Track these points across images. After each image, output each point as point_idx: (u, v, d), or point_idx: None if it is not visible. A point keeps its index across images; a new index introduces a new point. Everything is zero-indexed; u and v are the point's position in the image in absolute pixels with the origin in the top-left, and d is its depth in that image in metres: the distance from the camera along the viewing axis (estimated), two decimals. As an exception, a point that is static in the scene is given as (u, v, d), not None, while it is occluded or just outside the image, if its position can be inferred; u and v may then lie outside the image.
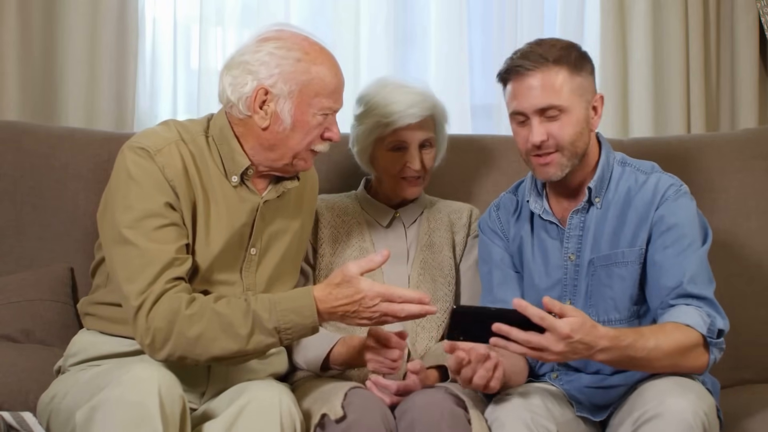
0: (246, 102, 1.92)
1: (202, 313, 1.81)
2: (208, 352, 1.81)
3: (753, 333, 2.50)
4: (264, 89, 1.91)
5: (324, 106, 1.93)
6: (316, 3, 3.18)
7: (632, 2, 3.11)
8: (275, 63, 1.91)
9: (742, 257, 2.55)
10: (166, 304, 1.81)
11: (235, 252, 1.98)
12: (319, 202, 2.31)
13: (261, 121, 1.93)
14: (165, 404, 1.68)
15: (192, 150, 1.95)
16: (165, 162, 1.89)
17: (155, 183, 1.88)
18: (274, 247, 2.04)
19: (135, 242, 1.84)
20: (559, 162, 1.99)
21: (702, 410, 1.78)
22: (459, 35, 3.12)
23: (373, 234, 2.32)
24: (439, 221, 2.35)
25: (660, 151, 2.65)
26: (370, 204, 2.36)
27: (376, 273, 2.24)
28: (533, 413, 1.86)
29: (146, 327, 1.81)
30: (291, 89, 1.90)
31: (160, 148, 1.91)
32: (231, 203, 1.97)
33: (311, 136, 1.94)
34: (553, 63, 1.97)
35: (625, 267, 2.02)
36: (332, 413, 1.89)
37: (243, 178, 1.97)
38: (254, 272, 2.01)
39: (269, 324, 1.80)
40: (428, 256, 2.30)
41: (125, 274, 1.85)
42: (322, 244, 2.29)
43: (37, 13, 2.87)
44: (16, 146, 2.53)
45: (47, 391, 1.96)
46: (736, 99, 3.15)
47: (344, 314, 1.83)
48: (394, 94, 2.24)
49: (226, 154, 1.97)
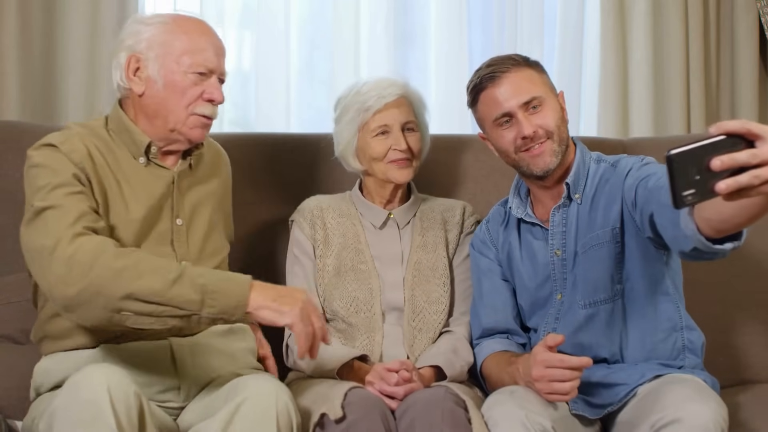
0: (123, 75, 1.99)
1: (130, 252, 1.79)
2: (128, 287, 1.73)
3: (753, 333, 2.50)
4: (135, 56, 1.98)
5: (193, 63, 1.97)
6: (316, 3, 3.18)
7: (632, 2, 3.12)
8: (143, 30, 1.99)
9: (742, 257, 2.54)
10: (93, 241, 1.78)
11: (163, 225, 2.00)
12: (314, 203, 2.34)
13: (137, 88, 1.99)
14: (115, 400, 1.66)
15: (95, 141, 1.98)
16: (70, 149, 1.92)
17: (62, 164, 1.90)
18: (199, 216, 2.07)
19: (47, 206, 1.84)
20: (552, 149, 2.06)
21: (721, 417, 1.80)
22: (459, 35, 3.13)
23: (368, 235, 2.32)
24: (432, 220, 2.35)
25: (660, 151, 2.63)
26: (363, 205, 2.36)
27: (371, 276, 2.25)
28: (528, 410, 1.87)
29: (67, 257, 1.75)
30: (157, 52, 1.97)
31: (63, 140, 1.94)
32: (145, 181, 2.00)
33: (188, 97, 1.98)
34: (522, 63, 2.10)
35: (601, 248, 2.06)
36: (332, 413, 1.89)
37: (149, 158, 2.01)
38: (185, 242, 2.03)
39: (199, 279, 1.75)
40: (423, 257, 2.30)
41: (38, 234, 1.82)
42: (319, 245, 2.30)
43: (37, 13, 2.87)
44: (16, 146, 2.52)
45: (27, 415, 1.94)
46: (736, 99, 3.15)
47: (276, 298, 1.78)
48: (367, 86, 2.30)
49: (127, 140, 2.01)
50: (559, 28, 3.16)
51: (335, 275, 2.26)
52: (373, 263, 2.28)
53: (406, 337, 2.21)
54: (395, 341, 2.21)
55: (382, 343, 2.20)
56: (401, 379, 2.00)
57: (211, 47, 2.00)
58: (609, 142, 2.71)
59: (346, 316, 2.22)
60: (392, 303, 2.24)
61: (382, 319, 2.23)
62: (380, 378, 2.02)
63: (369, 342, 2.21)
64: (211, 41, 2.02)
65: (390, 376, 2.01)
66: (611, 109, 3.11)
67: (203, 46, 1.99)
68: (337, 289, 2.24)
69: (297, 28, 3.13)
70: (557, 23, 3.16)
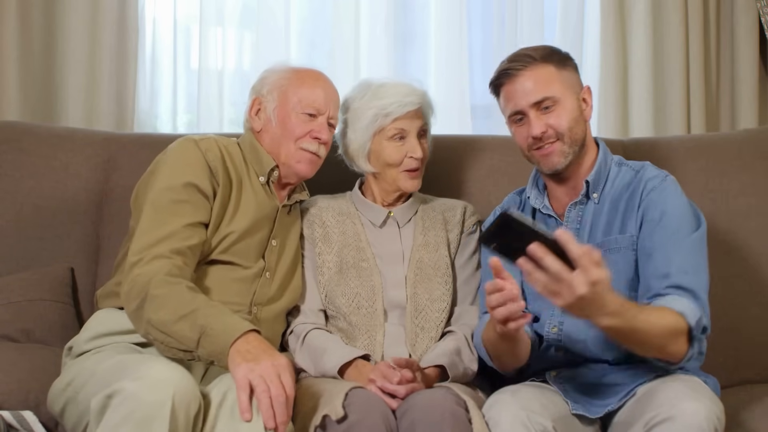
0: (247, 113, 2.29)
1: (174, 283, 1.91)
2: (150, 315, 1.87)
3: (753, 333, 2.50)
4: (258, 99, 2.29)
5: (305, 104, 2.23)
6: (316, 3, 3.19)
7: (632, 2, 3.12)
8: (269, 79, 2.29)
9: (742, 257, 2.55)
10: (156, 266, 1.94)
11: (260, 239, 2.20)
12: (314, 203, 2.37)
13: (257, 125, 2.28)
14: (177, 408, 1.70)
15: (229, 149, 2.22)
16: (207, 147, 2.15)
17: (189, 163, 2.11)
18: (288, 248, 2.28)
19: (149, 212, 2.04)
20: (561, 150, 2.08)
21: (715, 414, 1.80)
22: (459, 35, 3.13)
23: (368, 233, 2.33)
24: (434, 219, 2.36)
25: (660, 151, 2.65)
26: (363, 204, 2.37)
27: (373, 273, 2.25)
28: (529, 410, 1.87)
29: (133, 277, 1.93)
30: (275, 95, 2.26)
31: (203, 139, 2.19)
32: (259, 195, 2.23)
33: (296, 133, 2.22)
34: (540, 60, 2.10)
35: (618, 253, 2.06)
36: (333, 413, 1.89)
37: (269, 180, 2.24)
38: (275, 260, 2.22)
39: (202, 320, 1.82)
40: (424, 256, 2.30)
41: (138, 232, 2.03)
42: (317, 243, 2.30)
43: (37, 13, 2.87)
44: (16, 146, 2.53)
45: (61, 377, 1.99)
46: (736, 99, 3.15)
47: (246, 356, 1.76)
48: (385, 89, 2.30)
49: (254, 158, 2.25)
50: (559, 28, 3.16)
51: (337, 272, 2.26)
52: (375, 261, 2.28)
53: (408, 336, 2.21)
54: (396, 340, 2.21)
55: (383, 343, 2.20)
56: (403, 379, 2.00)
57: (322, 92, 2.26)
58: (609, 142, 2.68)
59: (348, 313, 2.22)
60: (394, 301, 2.24)
61: (383, 318, 2.23)
62: (383, 376, 2.02)
63: (370, 342, 2.21)
64: (323, 87, 2.27)
65: (392, 374, 2.01)
66: (611, 109, 3.11)
67: (316, 92, 2.25)
68: (340, 286, 2.24)
69: (297, 27, 3.13)
70: (557, 23, 3.17)
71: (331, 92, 2.28)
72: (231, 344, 1.78)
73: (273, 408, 1.71)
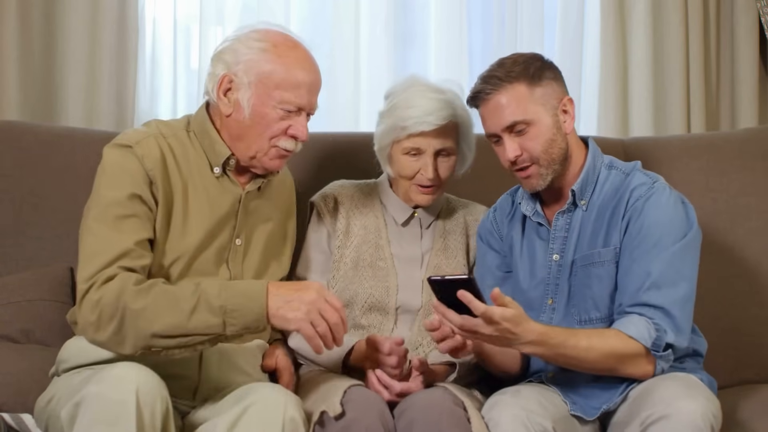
0: (214, 89, 1.99)
1: (149, 288, 1.81)
2: (150, 327, 1.77)
3: (753, 333, 2.50)
4: (228, 77, 1.97)
5: (284, 100, 1.96)
6: (316, 3, 3.18)
7: (632, 2, 3.11)
8: (243, 52, 1.98)
9: (742, 257, 2.55)
10: (117, 282, 1.81)
11: (220, 243, 2.01)
12: (338, 190, 2.30)
13: (225, 108, 1.99)
14: (142, 404, 1.68)
15: (172, 143, 1.99)
16: (144, 153, 1.94)
17: (127, 173, 1.92)
18: (257, 239, 2.08)
19: (96, 230, 1.87)
20: (539, 173, 2.06)
21: (711, 413, 1.80)
22: (459, 35, 3.13)
23: (389, 231, 2.29)
24: (455, 223, 2.33)
25: (660, 151, 2.65)
26: (389, 197, 2.32)
27: (390, 274, 2.23)
28: (529, 411, 1.87)
29: (95, 302, 1.80)
30: (251, 79, 1.96)
31: (139, 140, 1.96)
32: (212, 194, 2.01)
33: (271, 130, 1.98)
34: (509, 82, 2.03)
35: (602, 266, 2.04)
36: (331, 410, 1.89)
37: (225, 169, 2.02)
38: (240, 263, 2.04)
39: (216, 301, 1.78)
40: (442, 261, 2.28)
41: (82, 259, 1.87)
42: (338, 235, 2.27)
43: (37, 13, 2.87)
44: (16, 146, 2.53)
45: (43, 395, 1.97)
46: (736, 99, 3.15)
47: (282, 305, 1.79)
48: (415, 98, 2.19)
49: (207, 146, 2.02)
50: (559, 28, 3.15)
51: (353, 268, 2.24)
52: (393, 261, 2.26)
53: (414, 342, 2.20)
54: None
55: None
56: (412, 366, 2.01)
57: (306, 85, 1.99)
58: (609, 141, 2.70)
59: (358, 315, 2.21)
60: (407, 304, 2.23)
61: (394, 321, 2.22)
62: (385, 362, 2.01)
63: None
64: (311, 77, 2.00)
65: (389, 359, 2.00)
66: (611, 108, 3.10)
67: (302, 83, 1.98)
68: (353, 284, 2.23)
69: (297, 27, 3.12)
70: (557, 23, 3.16)
71: (316, 80, 2.03)
72: (265, 307, 1.78)
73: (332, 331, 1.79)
